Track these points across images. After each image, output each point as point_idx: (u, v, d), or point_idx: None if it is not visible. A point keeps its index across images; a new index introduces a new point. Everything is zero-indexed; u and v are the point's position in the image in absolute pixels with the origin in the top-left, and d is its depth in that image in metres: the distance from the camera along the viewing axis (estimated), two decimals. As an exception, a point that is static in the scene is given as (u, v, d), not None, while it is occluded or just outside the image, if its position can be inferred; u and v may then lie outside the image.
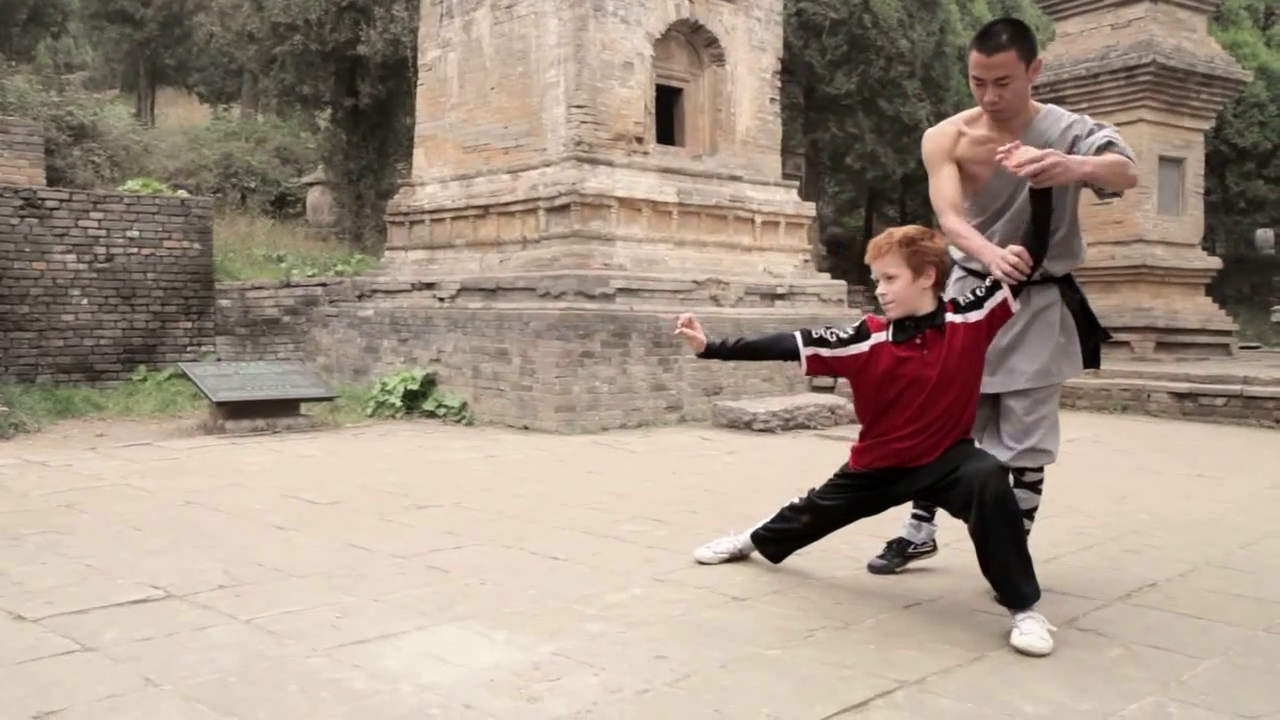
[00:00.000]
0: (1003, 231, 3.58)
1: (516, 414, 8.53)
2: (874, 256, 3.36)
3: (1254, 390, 9.24)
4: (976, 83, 3.47)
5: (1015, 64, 3.37)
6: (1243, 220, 23.42)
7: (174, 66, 28.50)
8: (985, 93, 3.44)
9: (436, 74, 10.77)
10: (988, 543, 3.11)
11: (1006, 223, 3.59)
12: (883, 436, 3.38)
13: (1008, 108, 3.47)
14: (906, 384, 3.30)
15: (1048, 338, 3.58)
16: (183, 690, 2.60)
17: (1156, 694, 2.61)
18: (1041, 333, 3.58)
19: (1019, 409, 3.60)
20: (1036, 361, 3.56)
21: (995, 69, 3.38)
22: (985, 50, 3.39)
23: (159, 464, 6.45)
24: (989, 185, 3.59)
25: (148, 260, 10.44)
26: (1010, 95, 3.43)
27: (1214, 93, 13.18)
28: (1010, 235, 3.52)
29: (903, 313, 3.31)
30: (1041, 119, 3.54)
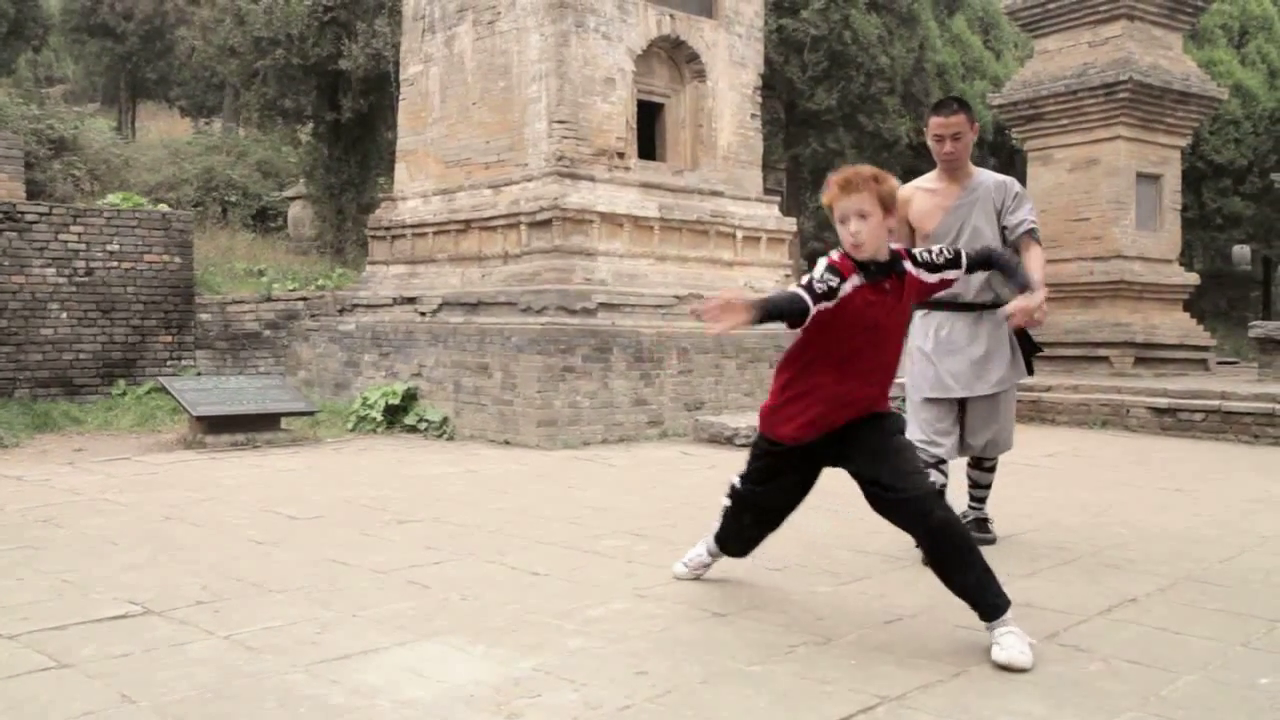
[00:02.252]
0: None
1: (498, 428, 8.52)
2: (844, 192, 3.15)
3: (1231, 405, 9.32)
4: (936, 139, 4.58)
5: (965, 124, 4.56)
6: (1220, 236, 23.65)
7: (155, 80, 28.41)
8: (944, 146, 4.56)
9: (418, 89, 10.77)
10: (946, 569, 3.13)
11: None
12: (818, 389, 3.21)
13: (959, 158, 4.60)
14: (867, 329, 3.20)
15: (1005, 352, 4.61)
16: (160, 706, 2.57)
17: (1135, 709, 2.62)
18: (1000, 348, 4.61)
19: (987, 409, 4.61)
20: (999, 371, 4.59)
21: (952, 127, 4.55)
22: (944, 114, 4.56)
23: (138, 478, 6.40)
24: (942, 224, 4.64)
25: (128, 274, 10.39)
26: (960, 148, 4.58)
27: (1190, 110, 13.33)
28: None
29: (870, 254, 3.18)
30: (980, 176, 4.68)
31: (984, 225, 4.61)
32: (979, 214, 4.61)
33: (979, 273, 4.38)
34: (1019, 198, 4.65)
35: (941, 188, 4.67)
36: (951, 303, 4.58)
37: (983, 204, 4.63)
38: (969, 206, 4.61)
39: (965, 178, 4.65)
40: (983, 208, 4.63)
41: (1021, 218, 4.61)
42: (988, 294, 4.58)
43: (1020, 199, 4.66)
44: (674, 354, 9.03)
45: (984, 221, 4.61)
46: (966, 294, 4.56)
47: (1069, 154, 13.28)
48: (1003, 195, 4.64)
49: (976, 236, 4.55)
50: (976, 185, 4.63)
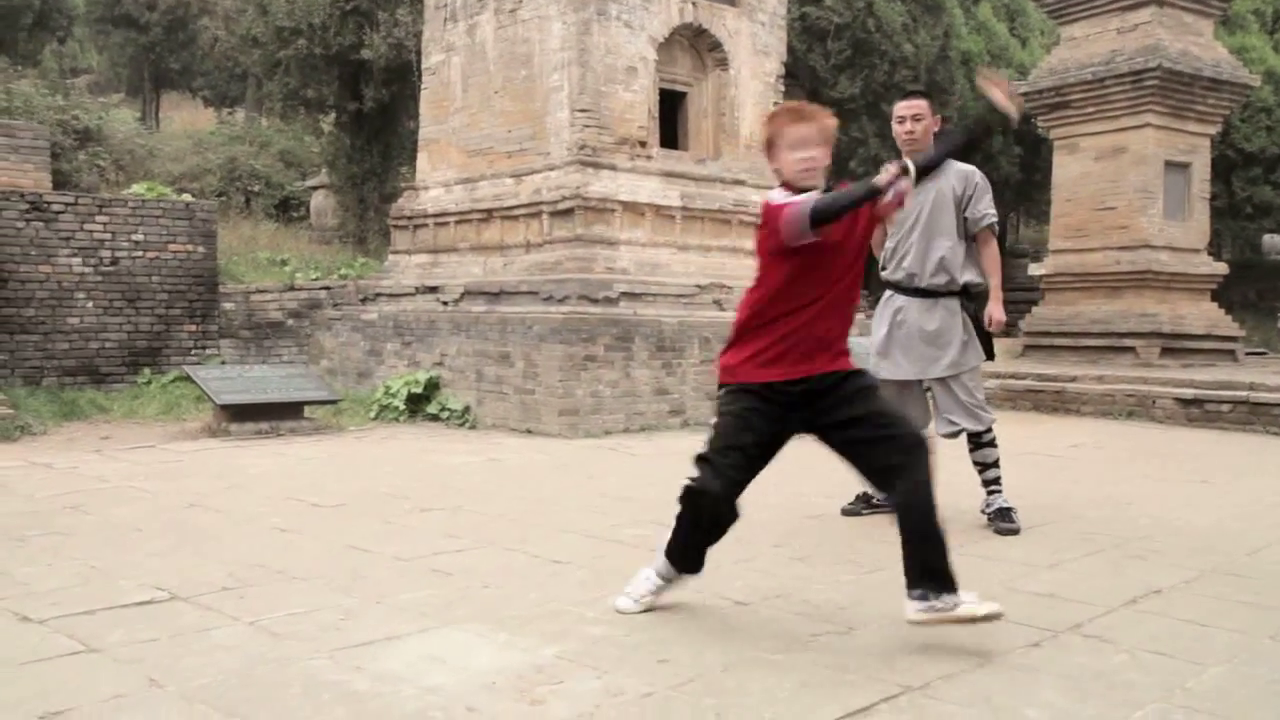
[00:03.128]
0: (918, 244, 4.79)
1: (519, 417, 8.54)
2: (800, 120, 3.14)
3: (1260, 396, 9.22)
4: (898, 120, 4.77)
5: (925, 108, 4.76)
6: (1249, 225, 23.37)
7: (178, 71, 28.59)
8: (904, 125, 4.74)
9: (440, 78, 10.78)
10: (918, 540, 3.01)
11: (920, 236, 4.79)
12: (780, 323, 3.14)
13: (919, 139, 4.73)
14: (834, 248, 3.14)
15: (958, 337, 4.78)
16: (186, 691, 2.60)
17: (1160, 701, 2.60)
18: (954, 332, 4.78)
19: (956, 389, 4.79)
20: (951, 354, 4.76)
21: (912, 108, 4.74)
22: (907, 98, 4.82)
23: (163, 466, 6.46)
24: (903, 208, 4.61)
25: (152, 264, 10.46)
26: (921, 130, 4.73)
27: (1221, 97, 13.17)
28: (925, 246, 4.77)
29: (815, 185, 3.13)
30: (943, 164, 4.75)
31: (943, 209, 4.77)
32: (938, 198, 4.76)
33: (934, 255, 4.76)
34: (980, 189, 4.80)
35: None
36: (909, 286, 4.82)
37: (942, 190, 4.76)
38: (929, 191, 4.73)
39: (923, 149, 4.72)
40: (942, 193, 4.76)
41: (983, 211, 4.78)
42: (942, 275, 4.77)
43: (981, 190, 4.81)
44: (696, 343, 9.02)
45: (943, 206, 4.77)
46: (922, 279, 4.79)
47: (1095, 142, 13.16)
48: (964, 185, 4.79)
49: (935, 221, 4.75)
50: (938, 171, 4.69)
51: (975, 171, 4.85)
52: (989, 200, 4.82)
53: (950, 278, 4.77)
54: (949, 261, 4.76)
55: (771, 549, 4.22)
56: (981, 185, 4.82)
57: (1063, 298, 13.51)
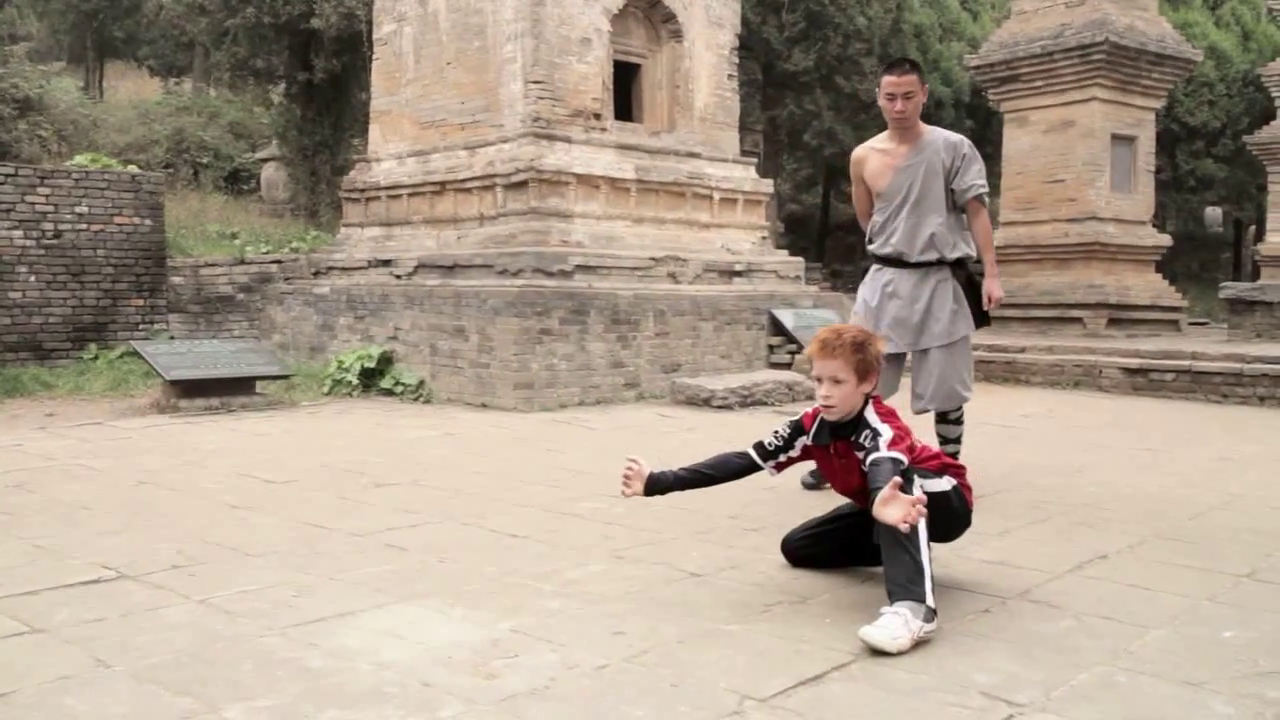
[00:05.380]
0: (907, 222, 4.75)
1: (475, 391, 8.50)
2: (822, 356, 3.23)
3: (1202, 365, 9.42)
4: (888, 98, 4.65)
5: (916, 84, 4.64)
6: (1192, 198, 23.80)
7: (123, 39, 27.92)
8: (895, 104, 4.63)
9: (392, 48, 10.63)
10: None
11: (909, 213, 4.74)
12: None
13: (909, 117, 4.68)
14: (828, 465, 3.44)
15: (945, 306, 4.76)
16: (136, 671, 2.57)
17: (1105, 663, 2.66)
18: (943, 304, 4.76)
19: (930, 363, 4.77)
20: (940, 324, 4.74)
21: (903, 85, 4.61)
22: (897, 73, 4.64)
23: (111, 443, 6.36)
24: (892, 183, 4.77)
25: (97, 237, 10.25)
26: (911, 107, 4.66)
27: (1165, 72, 13.35)
28: (914, 224, 4.73)
29: (840, 417, 3.25)
30: (930, 135, 4.77)
31: (932, 185, 4.72)
32: (928, 173, 4.72)
33: (923, 233, 4.73)
34: (968, 159, 4.73)
35: (892, 147, 4.81)
36: (898, 260, 4.79)
37: (931, 164, 4.72)
38: (918, 166, 4.72)
39: (915, 137, 4.77)
40: (931, 168, 4.72)
41: (970, 182, 4.71)
42: (931, 253, 4.75)
43: (969, 160, 4.73)
44: (651, 316, 9.02)
45: (933, 181, 4.72)
46: (911, 255, 4.76)
47: (1045, 115, 13.29)
48: (952, 155, 4.72)
49: (924, 195, 4.70)
50: (926, 145, 4.73)
51: (964, 141, 4.79)
52: (978, 170, 4.76)
53: (939, 255, 4.76)
54: (939, 239, 4.74)
55: (728, 520, 4.25)
56: (970, 155, 4.76)
57: (1013, 269, 13.66)
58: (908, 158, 4.74)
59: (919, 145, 4.76)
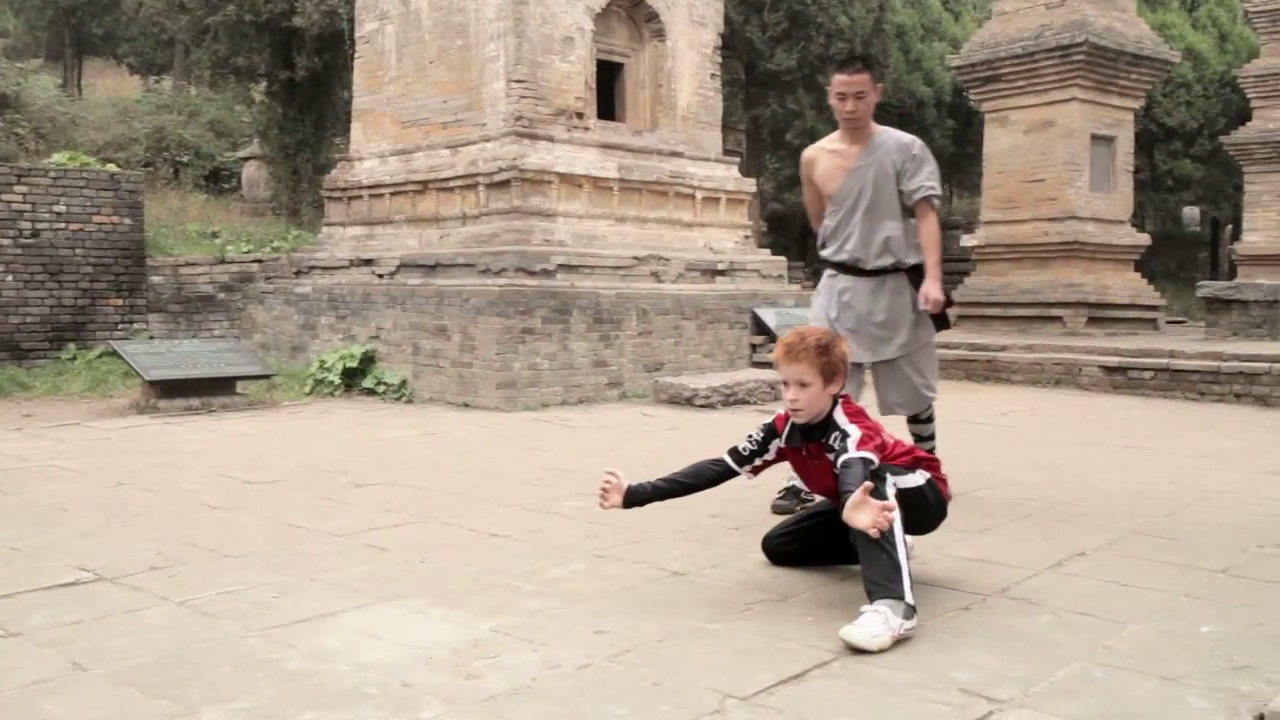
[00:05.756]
0: (861, 226, 4.58)
1: (457, 391, 8.48)
2: (787, 360, 3.24)
3: (1179, 364, 9.49)
4: (839, 97, 4.47)
5: (868, 83, 4.46)
6: (1170, 198, 23.98)
7: (101, 36, 27.70)
8: (846, 104, 4.46)
9: (374, 47, 10.59)
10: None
11: (864, 217, 4.57)
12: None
13: (861, 117, 4.51)
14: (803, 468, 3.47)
15: (907, 317, 4.61)
16: (113, 674, 2.55)
17: (1084, 659, 2.67)
18: (902, 313, 4.60)
19: (894, 372, 4.68)
20: (901, 335, 4.60)
21: (855, 85, 4.44)
22: (848, 72, 4.46)
23: (89, 444, 6.31)
24: (843, 186, 4.60)
25: (76, 236, 10.17)
26: (863, 107, 4.48)
27: (1143, 72, 13.44)
28: (868, 228, 4.57)
29: (809, 419, 3.27)
30: (882, 135, 4.60)
31: (884, 188, 4.55)
32: (879, 176, 4.55)
33: (878, 238, 4.57)
34: (918, 160, 4.55)
35: (843, 148, 4.63)
36: (854, 267, 4.61)
37: (882, 165, 4.55)
38: (869, 168, 4.55)
39: (867, 138, 4.59)
40: (882, 170, 4.55)
41: (919, 183, 4.53)
42: (887, 258, 4.58)
43: (920, 161, 4.56)
44: (633, 315, 9.02)
45: (885, 184, 4.55)
46: (867, 261, 4.59)
47: (1025, 116, 13.37)
48: (903, 157, 4.55)
49: (877, 198, 4.54)
50: (877, 146, 4.57)
51: (915, 142, 4.62)
52: (929, 172, 4.56)
53: (896, 260, 4.58)
54: (894, 243, 4.56)
55: (709, 519, 4.26)
56: (920, 156, 4.57)
57: (994, 268, 13.74)
58: (859, 159, 4.57)
59: (870, 146, 4.57)
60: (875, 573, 2.89)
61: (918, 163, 4.54)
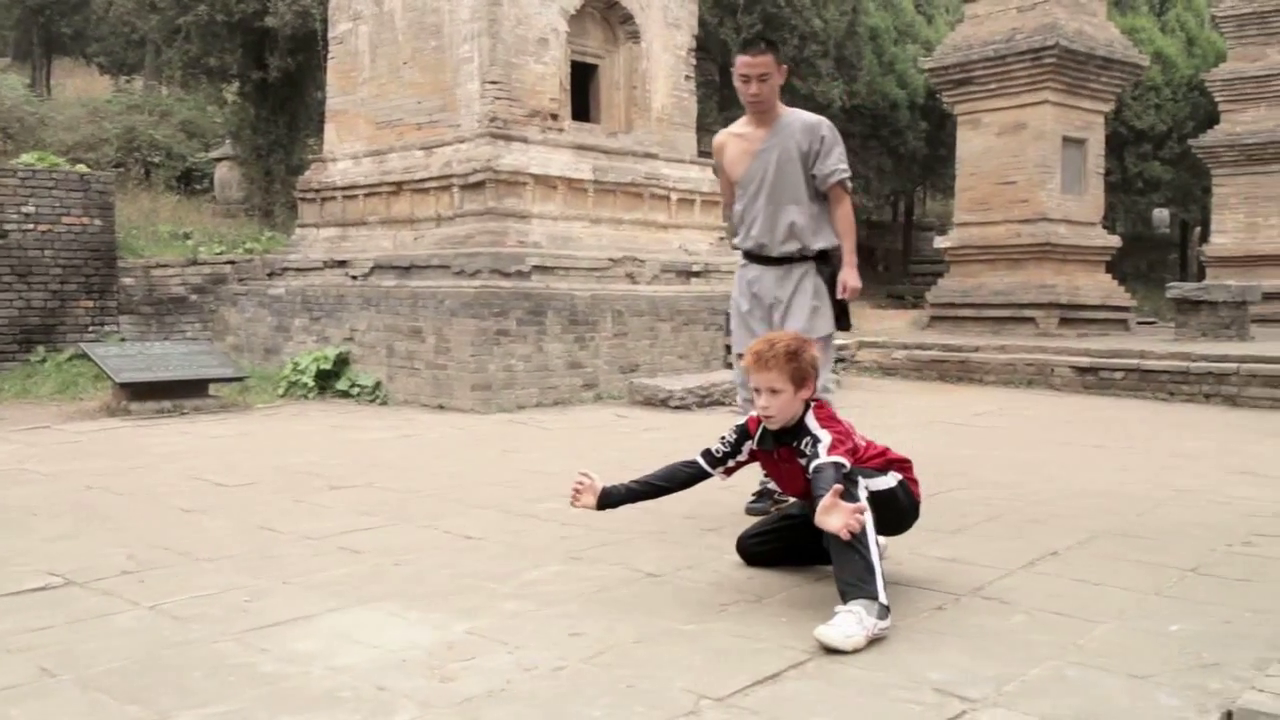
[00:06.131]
0: (765, 210, 4.42)
1: (432, 393, 8.45)
2: (757, 367, 3.25)
3: (1149, 364, 9.59)
4: (742, 80, 4.29)
5: (772, 65, 4.26)
6: (1140, 200, 24.21)
7: (71, 35, 27.39)
8: (750, 86, 4.28)
9: (347, 47, 10.54)
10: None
11: (766, 201, 4.41)
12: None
13: (765, 100, 4.33)
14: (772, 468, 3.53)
15: (804, 303, 4.40)
16: (83, 679, 2.53)
17: (1055, 658, 2.70)
18: (801, 300, 4.41)
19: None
20: (798, 323, 4.31)
21: (758, 67, 4.24)
22: (751, 53, 4.27)
23: (59, 447, 6.25)
24: (748, 170, 4.45)
25: (45, 237, 10.06)
26: (768, 90, 4.30)
27: (1113, 76, 13.58)
28: (772, 212, 4.40)
29: (781, 425, 3.29)
30: (788, 117, 4.42)
31: (788, 170, 4.36)
32: (782, 158, 4.36)
33: (782, 223, 4.39)
34: (827, 142, 4.36)
35: (749, 131, 4.47)
36: (760, 255, 4.47)
37: (786, 148, 4.37)
38: (772, 150, 4.37)
39: (772, 120, 4.41)
40: (786, 152, 4.36)
41: (831, 167, 4.35)
42: (793, 244, 4.41)
43: (829, 144, 4.36)
44: (609, 317, 9.02)
45: (788, 167, 4.36)
46: (772, 248, 4.44)
47: (997, 118, 13.47)
48: (810, 139, 4.35)
49: (780, 185, 4.35)
50: (782, 128, 4.38)
51: (823, 123, 4.40)
52: (839, 154, 4.37)
53: (802, 245, 4.40)
54: (799, 228, 4.37)
55: (684, 520, 4.27)
56: (830, 138, 4.36)
57: (967, 269, 13.84)
58: (764, 142, 4.38)
59: (776, 128, 4.38)
60: (849, 573, 2.90)
61: (827, 145, 4.35)
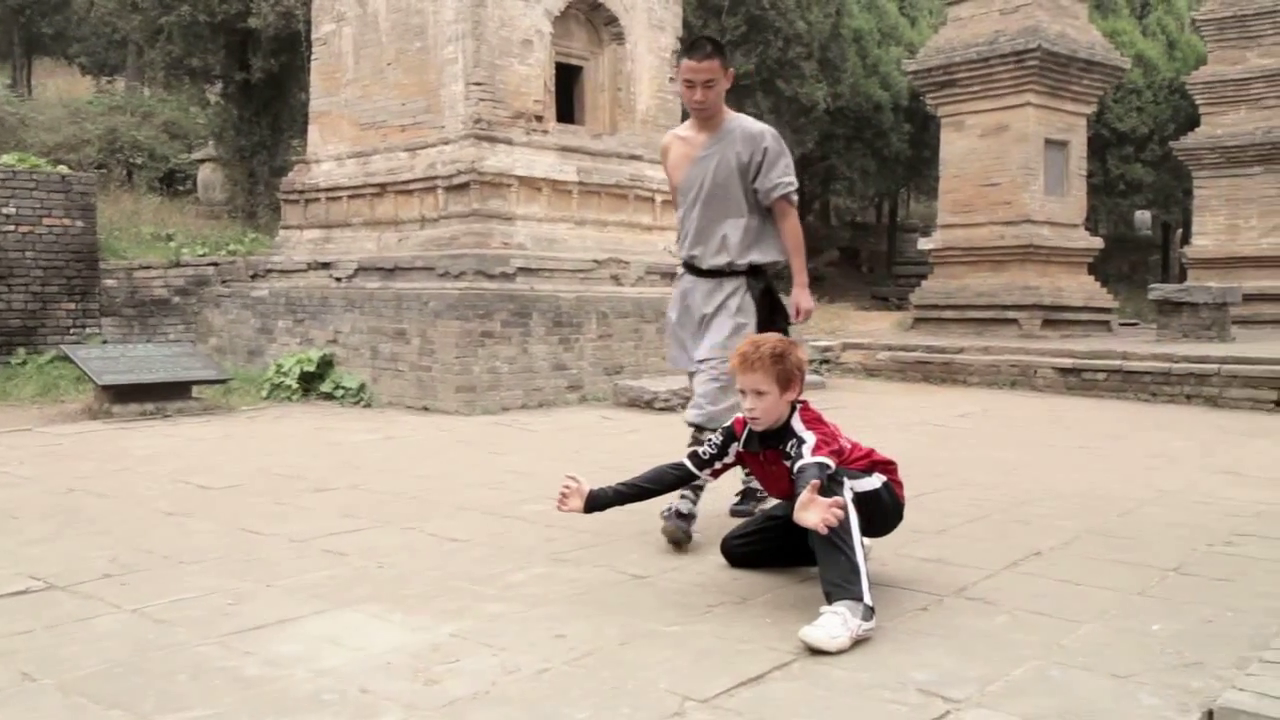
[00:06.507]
0: (699, 221, 4.22)
1: (416, 395, 8.43)
2: (743, 369, 3.26)
3: (1132, 365, 9.65)
4: (688, 85, 4.08)
5: (718, 70, 4.06)
6: (1122, 202, 24.36)
7: (52, 35, 27.21)
8: (695, 93, 4.08)
9: (331, 49, 10.50)
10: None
11: (701, 211, 4.21)
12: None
13: (711, 105, 4.13)
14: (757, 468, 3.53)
15: (725, 321, 4.16)
16: (65, 684, 2.51)
17: (1039, 658, 2.71)
18: (722, 317, 4.18)
19: (703, 377, 4.14)
20: (718, 337, 4.12)
21: (704, 73, 4.03)
22: (697, 58, 4.04)
23: (40, 450, 6.20)
24: (687, 176, 4.26)
25: (25, 239, 9.98)
26: (714, 96, 4.10)
27: (1095, 78, 13.66)
28: (705, 224, 4.20)
29: (767, 427, 3.30)
30: (730, 124, 4.20)
31: (726, 181, 4.15)
32: (720, 167, 4.16)
33: (715, 235, 4.19)
34: (770, 153, 4.14)
35: (692, 136, 4.28)
36: (694, 267, 4.28)
37: (725, 157, 4.16)
38: (711, 159, 4.17)
39: (716, 126, 4.20)
40: (724, 161, 4.16)
41: (775, 180, 4.13)
42: (722, 257, 4.18)
43: (773, 155, 4.14)
44: (593, 318, 9.02)
45: (726, 177, 4.15)
46: (704, 259, 4.24)
47: (981, 120, 13.53)
48: (751, 149, 4.13)
49: (716, 195, 4.16)
50: (724, 135, 4.18)
51: (766, 133, 4.18)
52: (784, 166, 4.14)
53: (730, 260, 4.17)
54: (730, 242, 4.16)
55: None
56: (774, 150, 4.14)
57: (951, 271, 13.89)
58: (704, 149, 4.19)
59: (718, 135, 4.18)
60: (833, 574, 2.91)
61: (770, 156, 4.13)
